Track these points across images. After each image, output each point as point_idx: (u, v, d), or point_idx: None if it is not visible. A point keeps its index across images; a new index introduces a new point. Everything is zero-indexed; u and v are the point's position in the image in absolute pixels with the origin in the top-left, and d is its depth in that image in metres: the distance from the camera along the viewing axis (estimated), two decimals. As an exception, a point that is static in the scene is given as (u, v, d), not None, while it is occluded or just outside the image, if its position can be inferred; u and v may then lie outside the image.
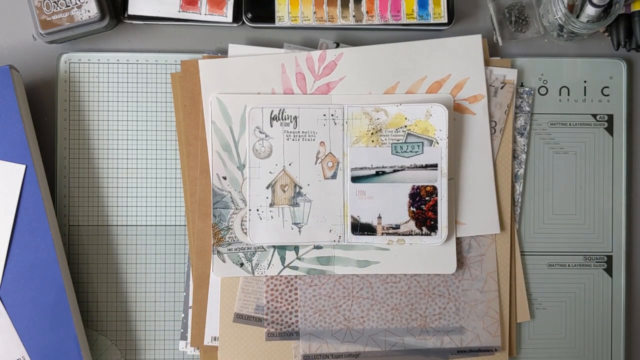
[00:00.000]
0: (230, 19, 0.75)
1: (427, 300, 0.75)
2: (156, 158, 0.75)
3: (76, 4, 0.72)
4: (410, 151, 0.73)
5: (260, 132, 0.73)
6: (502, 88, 0.75)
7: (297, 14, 0.74)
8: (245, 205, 0.74)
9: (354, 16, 0.74)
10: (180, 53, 0.76)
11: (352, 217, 0.73)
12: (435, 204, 0.73)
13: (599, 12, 0.71)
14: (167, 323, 0.75)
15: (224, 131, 0.74)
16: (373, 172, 0.73)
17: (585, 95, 0.77)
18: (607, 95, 0.76)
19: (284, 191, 0.73)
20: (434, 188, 0.73)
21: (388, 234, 0.73)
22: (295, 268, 0.74)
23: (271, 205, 0.73)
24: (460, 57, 0.74)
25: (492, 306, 0.74)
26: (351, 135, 0.73)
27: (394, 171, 0.73)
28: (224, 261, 0.74)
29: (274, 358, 0.74)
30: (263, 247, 0.74)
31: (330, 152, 0.74)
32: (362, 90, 0.74)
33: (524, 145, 0.76)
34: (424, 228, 0.73)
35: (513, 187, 0.76)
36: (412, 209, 0.73)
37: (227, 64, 0.74)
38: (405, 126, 0.73)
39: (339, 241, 0.74)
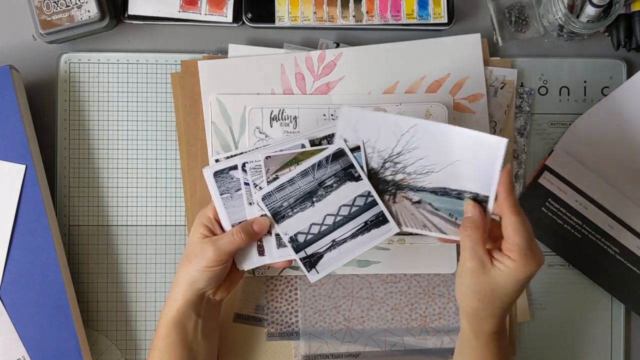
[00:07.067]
0: (230, 19, 0.75)
1: (427, 300, 0.75)
2: (156, 158, 0.75)
3: (76, 4, 0.72)
4: (410, 151, 0.73)
5: (260, 133, 0.73)
6: (502, 88, 0.75)
7: (297, 14, 0.74)
8: (245, 205, 0.73)
9: (354, 16, 0.74)
10: (180, 53, 0.76)
11: (352, 217, 0.73)
12: (435, 204, 0.73)
13: (599, 12, 0.71)
14: (167, 323, 0.75)
15: (224, 131, 0.74)
16: (373, 172, 0.73)
17: (585, 95, 0.77)
18: (607, 95, 0.76)
19: (284, 191, 0.73)
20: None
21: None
22: (296, 268, 0.74)
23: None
24: (459, 56, 0.74)
25: (492, 306, 0.74)
26: (351, 135, 0.73)
27: (394, 171, 0.73)
28: (224, 261, 0.74)
29: (274, 358, 0.74)
30: (263, 247, 0.74)
31: (330, 152, 0.73)
32: (362, 90, 0.74)
33: (524, 145, 0.76)
34: (423, 228, 0.73)
35: (513, 187, 0.76)
36: (412, 208, 0.73)
37: (227, 64, 0.74)
38: (405, 126, 0.73)
39: (339, 241, 0.73)
